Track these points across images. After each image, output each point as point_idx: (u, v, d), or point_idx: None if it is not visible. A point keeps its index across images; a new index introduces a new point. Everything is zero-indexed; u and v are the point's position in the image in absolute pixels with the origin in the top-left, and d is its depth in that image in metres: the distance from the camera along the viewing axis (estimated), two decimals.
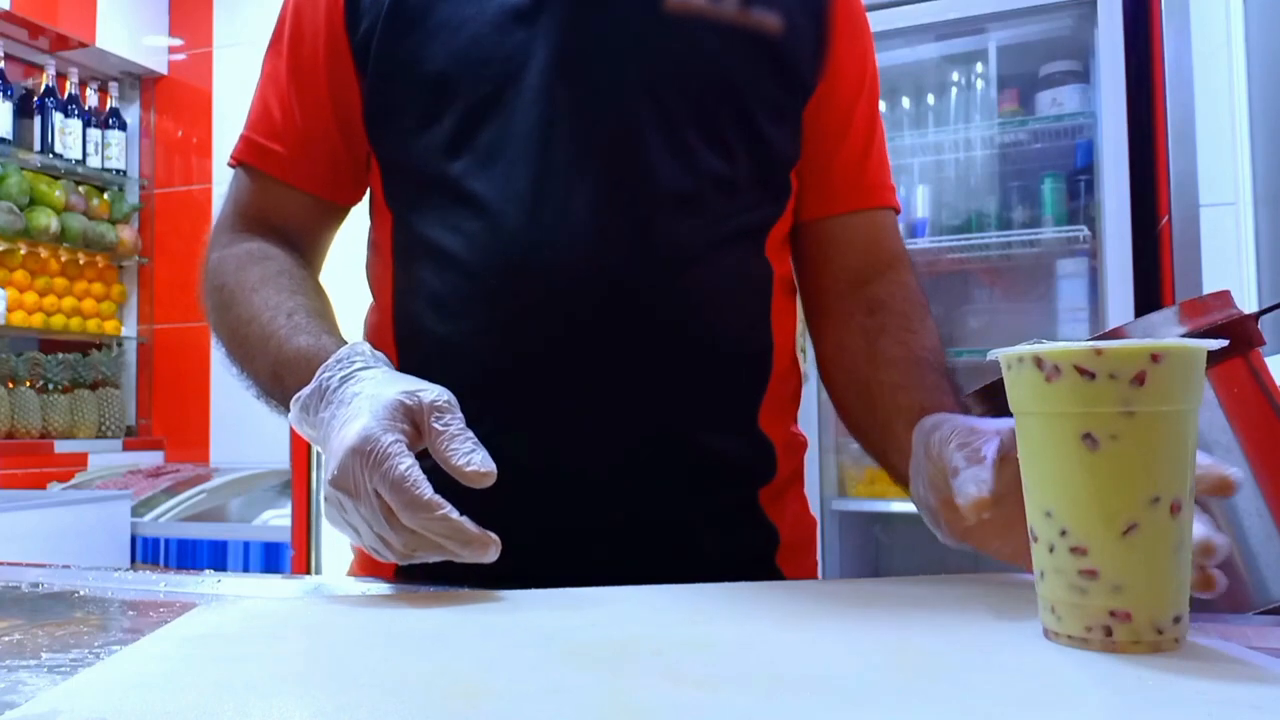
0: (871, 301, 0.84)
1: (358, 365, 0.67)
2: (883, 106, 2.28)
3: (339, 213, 0.89)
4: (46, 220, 3.20)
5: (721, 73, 0.78)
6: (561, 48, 0.76)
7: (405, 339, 0.82)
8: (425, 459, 0.62)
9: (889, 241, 0.89)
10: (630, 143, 0.76)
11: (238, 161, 0.87)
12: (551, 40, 0.76)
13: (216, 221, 0.87)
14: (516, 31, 0.77)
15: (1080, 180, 2.26)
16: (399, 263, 0.83)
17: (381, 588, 0.73)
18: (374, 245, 0.87)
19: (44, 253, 3.31)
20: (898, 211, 0.91)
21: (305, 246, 0.86)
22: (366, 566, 0.84)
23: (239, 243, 0.84)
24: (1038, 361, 0.46)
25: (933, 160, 2.37)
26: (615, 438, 0.76)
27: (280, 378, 0.73)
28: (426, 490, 0.59)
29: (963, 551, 0.65)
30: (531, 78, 0.76)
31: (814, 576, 0.88)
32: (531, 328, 0.76)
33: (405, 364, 0.80)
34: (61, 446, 3.25)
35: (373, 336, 0.85)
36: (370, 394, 0.63)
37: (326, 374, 0.67)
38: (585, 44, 0.76)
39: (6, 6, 3.07)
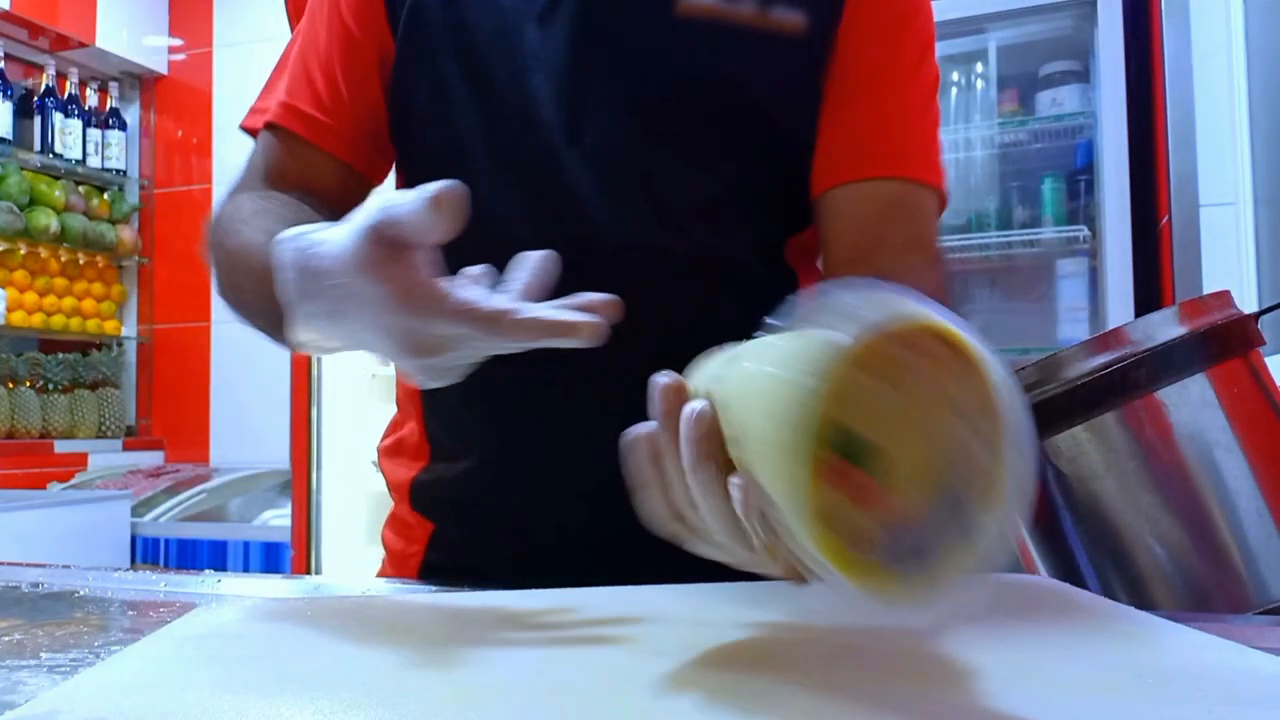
0: (873, 273, 0.77)
1: (313, 228, 0.53)
2: None
3: (366, 186, 0.86)
4: (46, 220, 3.20)
5: (736, 76, 0.76)
6: (571, 52, 0.75)
7: None
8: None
9: (902, 221, 0.77)
10: (640, 151, 0.75)
11: (270, 123, 0.82)
12: (562, 44, 0.76)
13: (229, 187, 0.83)
14: (530, 33, 0.76)
15: (1080, 180, 2.26)
16: None
17: (382, 587, 0.73)
18: None
19: (44, 253, 3.31)
20: (934, 189, 0.78)
21: (332, 215, 0.84)
22: (393, 567, 0.86)
23: (247, 191, 0.79)
24: None
25: None
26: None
27: (269, 295, 0.57)
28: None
29: None
30: (541, 81, 0.76)
31: None
32: None
33: None
34: (61, 446, 3.25)
35: None
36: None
37: (280, 246, 0.53)
38: (594, 48, 0.75)
39: (6, 6, 3.07)
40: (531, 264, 0.52)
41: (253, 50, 3.48)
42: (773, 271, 0.81)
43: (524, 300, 0.49)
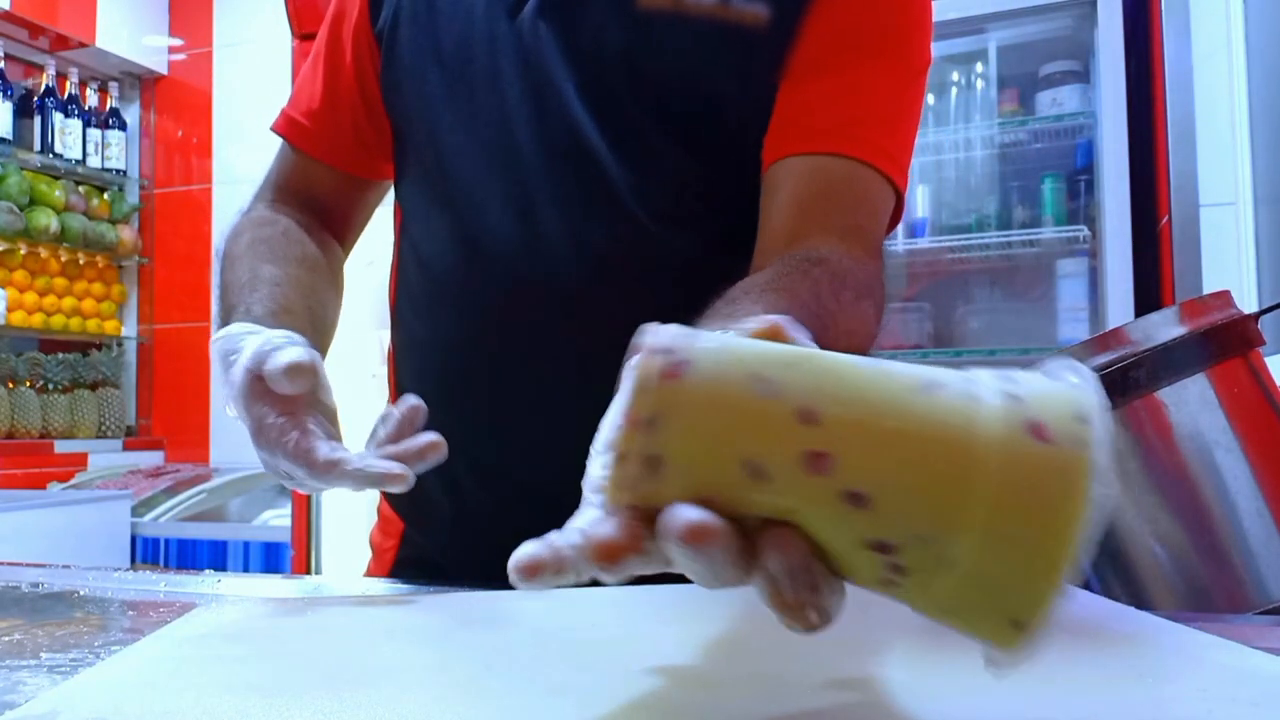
0: (809, 252, 0.66)
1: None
2: None
3: (369, 187, 0.88)
4: (46, 220, 3.20)
5: (695, 71, 0.72)
6: (533, 45, 0.74)
7: (396, 333, 0.85)
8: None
9: (844, 204, 0.70)
10: (594, 152, 0.73)
11: (275, 132, 0.87)
12: (526, 37, 0.75)
13: (254, 193, 0.87)
14: (498, 27, 0.76)
15: (1080, 180, 2.26)
16: (401, 255, 0.86)
17: (381, 588, 0.73)
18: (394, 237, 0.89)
19: (44, 253, 3.31)
20: (894, 185, 0.72)
21: (334, 218, 0.86)
22: (374, 563, 0.87)
23: (255, 210, 0.83)
24: None
25: (933, 160, 2.37)
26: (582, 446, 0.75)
27: None
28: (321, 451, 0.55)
29: None
30: (501, 76, 0.76)
31: None
32: (495, 334, 0.76)
33: (398, 359, 0.84)
34: (61, 446, 3.24)
35: (391, 331, 0.88)
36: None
37: (215, 344, 0.61)
38: (554, 41, 0.74)
39: (6, 6, 3.06)
40: (395, 417, 0.60)
41: (253, 50, 3.47)
42: (740, 268, 0.80)
43: (386, 445, 0.58)
